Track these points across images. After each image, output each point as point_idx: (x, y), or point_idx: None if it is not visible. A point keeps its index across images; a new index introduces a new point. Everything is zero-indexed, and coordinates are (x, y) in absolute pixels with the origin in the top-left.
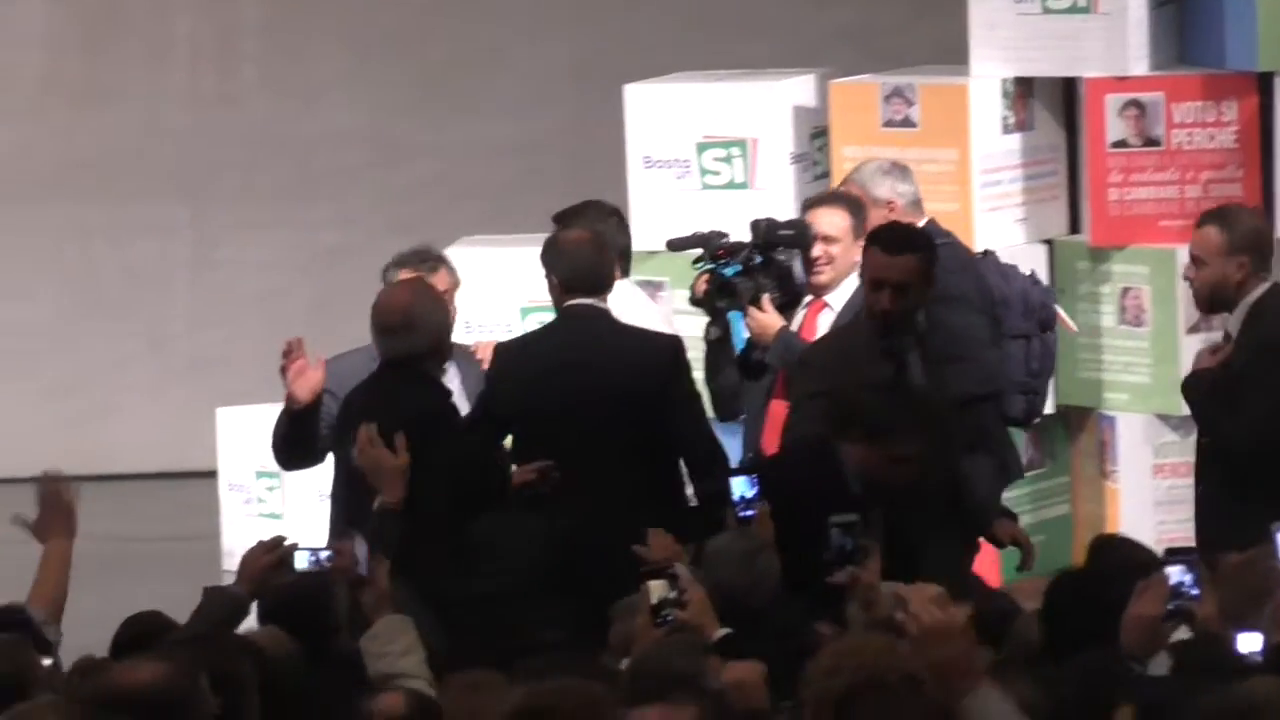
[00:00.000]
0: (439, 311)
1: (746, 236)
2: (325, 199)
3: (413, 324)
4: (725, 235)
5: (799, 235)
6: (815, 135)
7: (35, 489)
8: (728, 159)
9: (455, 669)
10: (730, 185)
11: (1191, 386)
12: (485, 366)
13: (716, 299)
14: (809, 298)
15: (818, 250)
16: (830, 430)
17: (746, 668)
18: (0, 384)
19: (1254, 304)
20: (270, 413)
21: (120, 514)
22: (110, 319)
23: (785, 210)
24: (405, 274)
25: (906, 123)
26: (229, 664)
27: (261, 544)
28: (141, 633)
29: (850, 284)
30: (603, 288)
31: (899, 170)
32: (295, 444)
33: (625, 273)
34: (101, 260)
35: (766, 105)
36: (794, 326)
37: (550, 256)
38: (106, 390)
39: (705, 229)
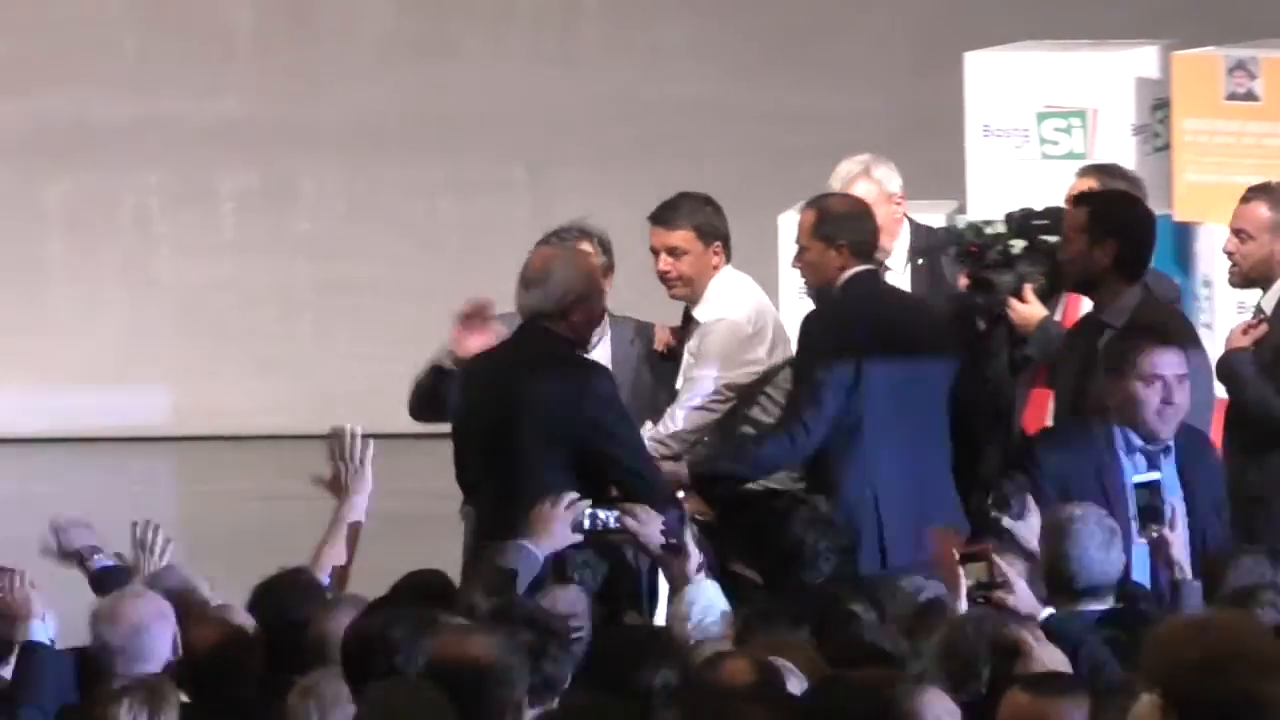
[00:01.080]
0: (576, 278)
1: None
2: (661, 161)
3: (545, 279)
4: (986, 224)
5: (1056, 223)
6: (1156, 107)
7: (327, 445)
8: (1068, 129)
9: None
10: (1069, 155)
11: (1229, 366)
12: (662, 346)
13: (977, 294)
14: None
15: None
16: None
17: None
18: (342, 340)
19: None
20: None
21: None
22: (451, 276)
23: None
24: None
25: (1249, 96)
26: (542, 633)
27: (553, 499)
28: (420, 590)
29: None
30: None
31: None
32: (437, 401)
33: (728, 258)
34: (443, 217)
35: (1108, 75)
36: (1059, 313)
37: (833, 226)
38: None
39: (979, 218)
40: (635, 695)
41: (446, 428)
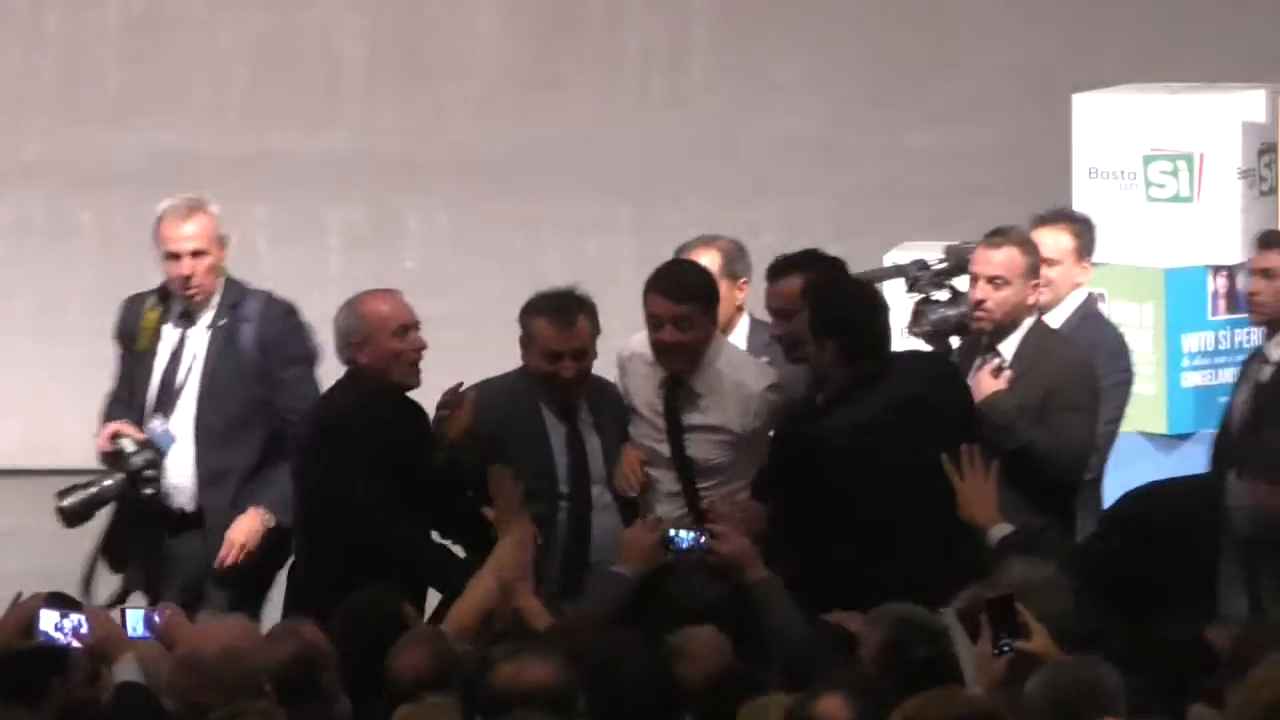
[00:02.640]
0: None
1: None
2: (770, 201)
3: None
4: (927, 265)
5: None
6: (1263, 151)
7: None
8: (1174, 172)
9: None
10: (1175, 199)
11: (999, 414)
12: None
13: (922, 326)
14: None
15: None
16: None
17: None
18: (446, 374)
19: (1034, 329)
20: None
21: None
22: None
23: (1230, 226)
24: (541, 321)
25: None
26: (607, 659)
27: (642, 523)
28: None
29: (1071, 303)
30: None
31: None
32: None
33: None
34: (548, 254)
35: (1215, 119)
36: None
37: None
38: None
39: (907, 260)
40: None
41: None
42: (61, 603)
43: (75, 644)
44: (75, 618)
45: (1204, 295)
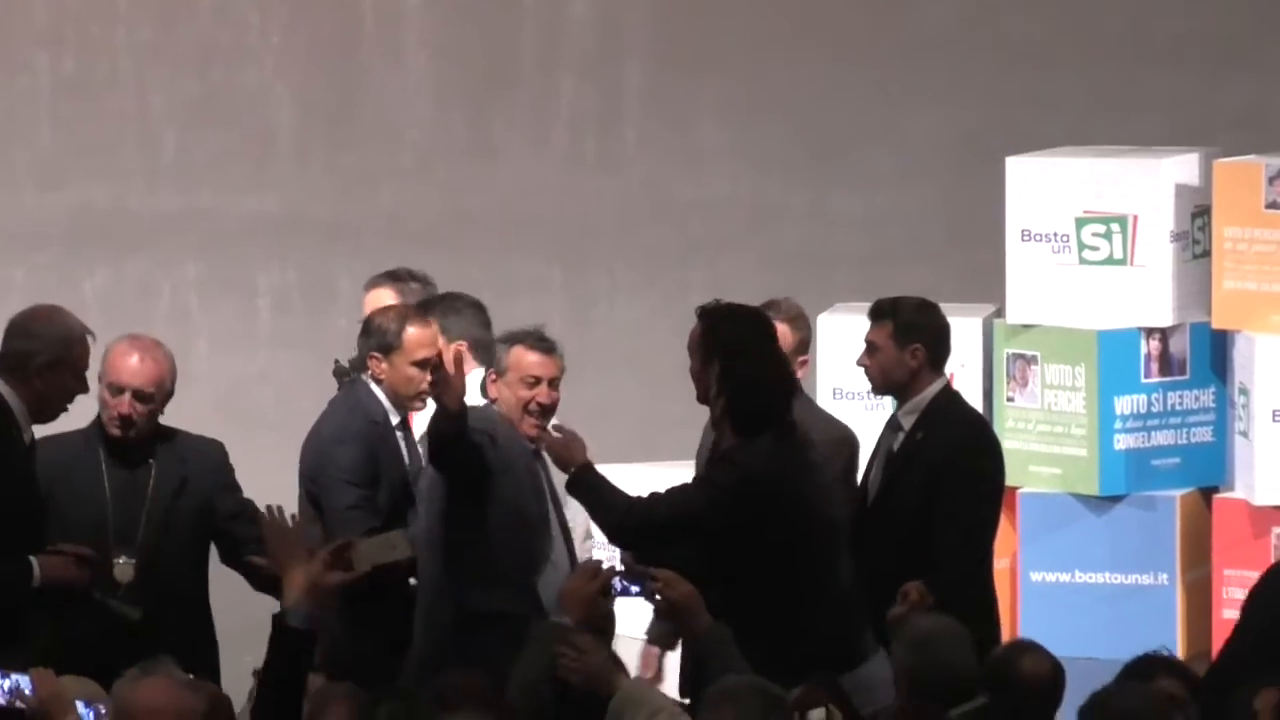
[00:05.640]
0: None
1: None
2: (700, 263)
3: None
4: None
5: None
6: (1196, 214)
7: None
8: (1107, 235)
9: None
10: (1109, 261)
11: None
12: None
13: None
14: None
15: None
16: None
17: None
18: None
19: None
20: (642, 472)
21: None
22: None
23: (1163, 289)
24: (520, 349)
25: None
26: None
27: (583, 572)
28: None
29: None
30: None
31: None
32: None
33: (485, 364)
34: None
35: (1148, 182)
36: None
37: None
38: None
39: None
40: None
41: None
42: (2, 664)
43: (19, 704)
44: (16, 678)
45: (1137, 358)
